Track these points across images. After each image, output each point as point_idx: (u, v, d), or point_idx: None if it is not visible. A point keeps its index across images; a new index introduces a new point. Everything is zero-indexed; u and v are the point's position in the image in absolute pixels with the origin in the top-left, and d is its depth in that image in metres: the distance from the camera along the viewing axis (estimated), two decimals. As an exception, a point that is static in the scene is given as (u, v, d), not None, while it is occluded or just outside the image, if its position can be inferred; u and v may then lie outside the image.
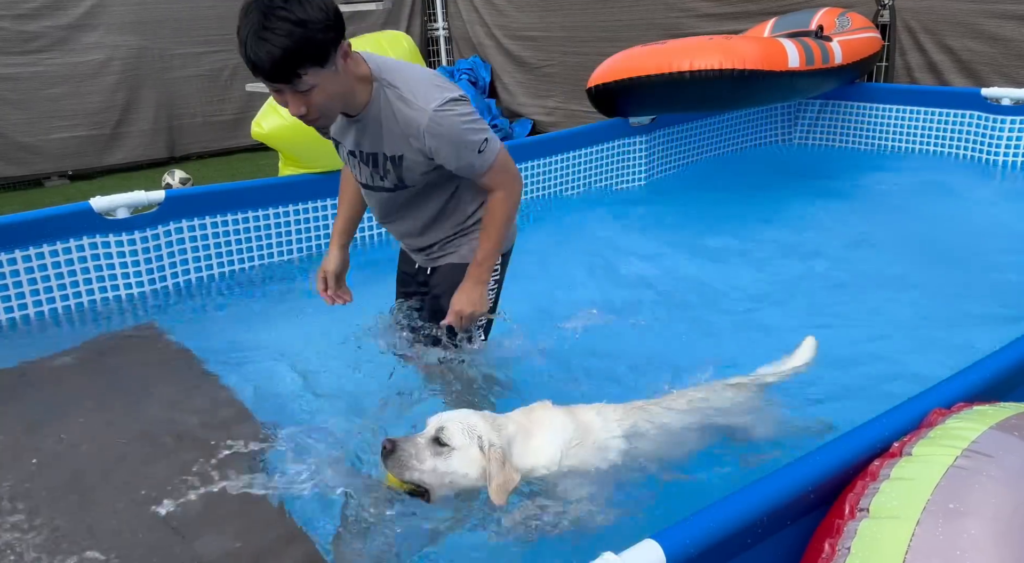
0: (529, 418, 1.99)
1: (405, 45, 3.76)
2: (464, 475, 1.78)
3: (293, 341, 2.96)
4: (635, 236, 4.07)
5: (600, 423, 2.00)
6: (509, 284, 2.60)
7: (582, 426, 1.98)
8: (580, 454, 1.93)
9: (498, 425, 1.88)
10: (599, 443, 1.96)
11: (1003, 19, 4.84)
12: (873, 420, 1.65)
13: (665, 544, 1.32)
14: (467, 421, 1.84)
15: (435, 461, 1.77)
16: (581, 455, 1.93)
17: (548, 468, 1.89)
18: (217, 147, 7.06)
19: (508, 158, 2.24)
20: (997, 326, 2.84)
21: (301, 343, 2.94)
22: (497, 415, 1.94)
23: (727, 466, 2.13)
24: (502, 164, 2.21)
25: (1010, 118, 4.69)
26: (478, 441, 1.80)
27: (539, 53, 7.15)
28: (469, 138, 2.11)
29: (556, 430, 1.95)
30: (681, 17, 6.09)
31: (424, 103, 2.06)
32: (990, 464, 1.42)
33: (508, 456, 1.83)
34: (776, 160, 5.42)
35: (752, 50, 4.20)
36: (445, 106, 2.06)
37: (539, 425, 1.96)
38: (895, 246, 3.75)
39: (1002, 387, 1.86)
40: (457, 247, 2.42)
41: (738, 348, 2.85)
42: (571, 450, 1.92)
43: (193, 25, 6.83)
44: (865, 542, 1.37)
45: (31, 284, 3.20)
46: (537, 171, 4.49)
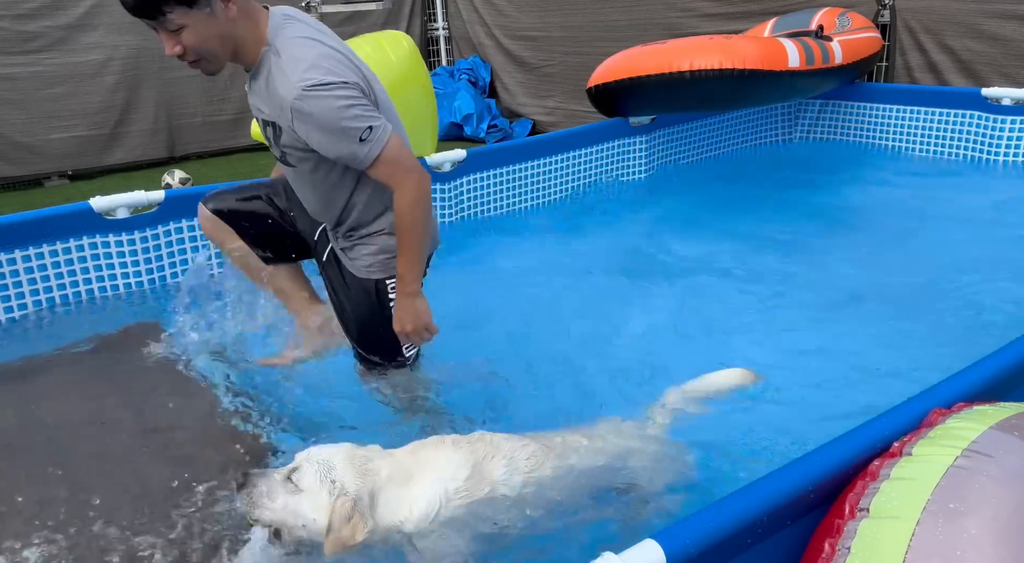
0: (415, 458, 1.74)
1: (405, 45, 3.76)
2: (313, 520, 1.60)
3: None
4: (635, 235, 4.07)
5: (503, 471, 1.75)
6: (509, 283, 2.59)
7: (478, 472, 1.73)
8: (465, 507, 1.69)
9: (366, 469, 1.65)
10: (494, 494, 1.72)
11: (1004, 19, 4.84)
12: (873, 420, 1.65)
13: (665, 544, 1.32)
14: (329, 461, 1.64)
15: (286, 500, 1.61)
16: (466, 509, 1.69)
17: (417, 525, 1.66)
18: (217, 147, 7.05)
19: (403, 151, 2.09)
20: (998, 326, 2.84)
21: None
22: (376, 455, 1.71)
23: (727, 466, 2.13)
24: (393, 156, 2.06)
25: (1010, 118, 4.69)
26: (330, 486, 1.60)
27: (539, 53, 7.15)
28: (344, 125, 1.99)
29: (440, 477, 1.70)
30: (681, 17, 6.09)
31: (296, 80, 1.97)
32: (990, 464, 1.42)
33: (369, 507, 1.62)
34: (776, 160, 5.42)
35: (752, 50, 4.20)
36: (318, 88, 1.96)
37: (423, 468, 1.72)
38: (895, 246, 3.75)
39: (1002, 387, 1.86)
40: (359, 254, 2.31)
41: (734, 347, 2.85)
42: (454, 502, 1.68)
43: (193, 25, 6.82)
44: (865, 542, 1.36)
45: (31, 284, 3.20)
46: (537, 171, 4.49)
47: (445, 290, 3.42)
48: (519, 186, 4.42)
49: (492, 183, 4.30)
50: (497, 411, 2.45)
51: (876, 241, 3.84)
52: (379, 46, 3.70)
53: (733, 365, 2.68)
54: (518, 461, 1.77)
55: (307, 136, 2.04)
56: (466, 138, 7.04)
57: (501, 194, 4.36)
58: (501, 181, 4.34)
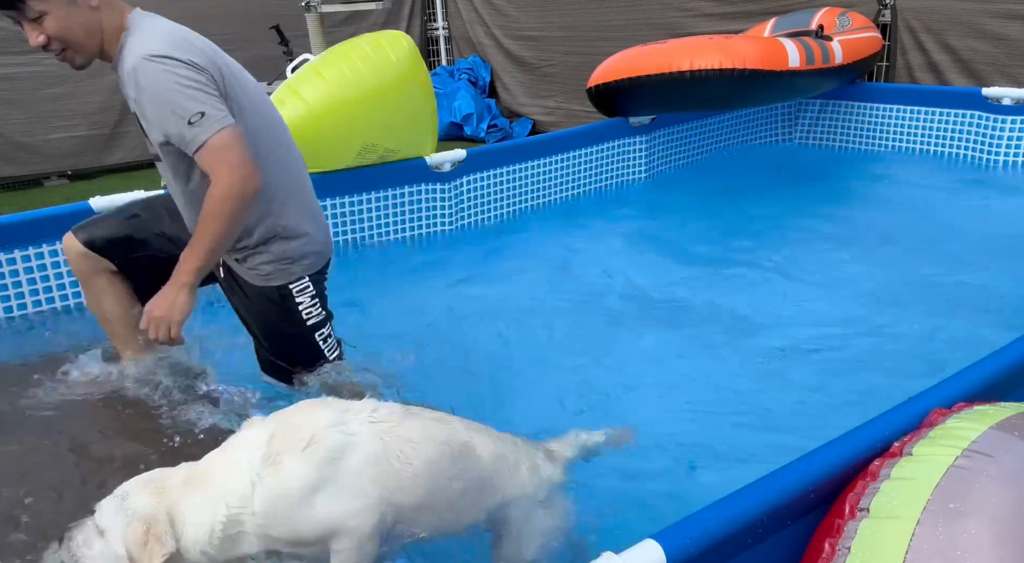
0: (223, 455, 1.56)
1: (405, 45, 3.76)
2: (121, 557, 1.44)
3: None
4: (634, 235, 4.07)
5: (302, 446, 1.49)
6: (508, 283, 2.58)
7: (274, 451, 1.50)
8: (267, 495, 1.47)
9: (161, 488, 1.50)
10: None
11: (1005, 19, 4.83)
12: (873, 420, 1.65)
13: (665, 544, 1.32)
14: (124, 491, 1.50)
15: (100, 546, 1.47)
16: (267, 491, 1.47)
17: (196, 542, 1.47)
18: (217, 147, 7.05)
19: (237, 148, 2.00)
20: (998, 326, 2.84)
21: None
22: (177, 469, 1.56)
23: (727, 466, 2.13)
24: (220, 146, 1.97)
25: (1011, 118, 4.68)
26: (124, 517, 1.46)
27: (539, 53, 7.15)
28: (177, 101, 1.94)
29: (231, 476, 1.50)
30: (681, 17, 6.09)
31: (141, 50, 1.97)
32: (990, 464, 1.42)
33: (168, 525, 1.46)
34: (776, 159, 5.42)
35: (752, 50, 4.20)
36: (161, 58, 1.95)
37: (221, 466, 1.53)
38: (894, 246, 3.75)
39: (1002, 387, 1.86)
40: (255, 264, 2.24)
41: (734, 347, 2.85)
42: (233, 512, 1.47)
43: (193, 25, 6.76)
44: (865, 542, 1.36)
45: (31, 284, 3.20)
46: (537, 171, 4.49)
47: (445, 289, 3.44)
48: (519, 186, 4.42)
49: (492, 183, 4.30)
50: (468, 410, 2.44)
51: (876, 241, 3.84)
52: (379, 46, 3.70)
53: (731, 364, 2.69)
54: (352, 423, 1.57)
55: (141, 109, 2.02)
56: (466, 138, 7.04)
57: (501, 194, 4.36)
58: (501, 181, 4.34)
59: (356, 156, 3.75)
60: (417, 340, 2.94)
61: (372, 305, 3.30)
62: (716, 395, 2.52)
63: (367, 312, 3.21)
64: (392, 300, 3.36)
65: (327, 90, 3.49)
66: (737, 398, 2.51)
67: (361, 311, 3.22)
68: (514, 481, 1.72)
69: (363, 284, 3.57)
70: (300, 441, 1.51)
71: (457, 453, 1.64)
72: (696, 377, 2.64)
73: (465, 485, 1.64)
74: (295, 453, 1.50)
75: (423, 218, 4.08)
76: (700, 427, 2.35)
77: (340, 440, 1.53)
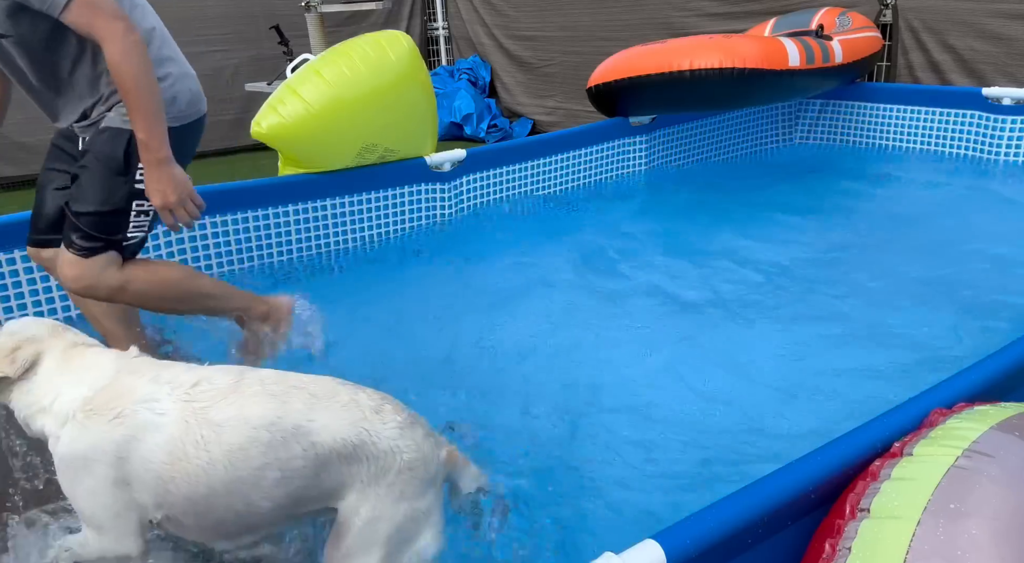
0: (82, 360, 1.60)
1: (405, 44, 3.75)
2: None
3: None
4: (634, 235, 4.07)
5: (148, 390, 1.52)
6: (507, 283, 2.59)
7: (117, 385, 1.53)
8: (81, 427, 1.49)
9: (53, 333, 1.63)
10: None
11: (1007, 19, 4.83)
12: (874, 420, 1.65)
13: (665, 544, 1.32)
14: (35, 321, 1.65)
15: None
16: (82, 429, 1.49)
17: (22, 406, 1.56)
18: (217, 147, 7.05)
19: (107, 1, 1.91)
20: (998, 326, 2.84)
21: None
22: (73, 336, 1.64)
23: (727, 466, 2.13)
24: (93, 3, 1.87)
25: (1011, 118, 4.68)
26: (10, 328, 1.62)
27: (539, 53, 7.15)
28: None
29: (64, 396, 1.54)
30: (682, 16, 6.09)
31: None
32: (991, 464, 1.41)
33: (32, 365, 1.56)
34: (777, 159, 5.42)
35: (752, 49, 4.20)
36: None
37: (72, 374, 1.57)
38: (894, 246, 3.75)
39: (1003, 387, 1.86)
40: (111, 116, 2.12)
41: (734, 347, 2.84)
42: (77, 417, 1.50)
43: (193, 25, 6.83)
44: (866, 542, 1.36)
45: (31, 284, 3.20)
46: (537, 171, 4.49)
47: (444, 288, 3.44)
48: (519, 186, 4.42)
49: (492, 183, 4.30)
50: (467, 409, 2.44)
51: (876, 240, 3.84)
52: (379, 46, 3.69)
53: (733, 364, 2.69)
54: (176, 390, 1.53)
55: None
56: (466, 138, 7.04)
57: (501, 194, 4.36)
58: (501, 181, 4.34)
59: (356, 156, 3.75)
60: (416, 337, 2.94)
61: (372, 304, 3.30)
62: (715, 395, 2.52)
63: (367, 311, 3.21)
64: (392, 299, 3.36)
65: (327, 90, 3.49)
66: (736, 398, 2.50)
67: (361, 310, 3.22)
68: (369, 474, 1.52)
69: (363, 283, 3.58)
70: (112, 409, 1.50)
71: (278, 440, 1.49)
72: (695, 377, 2.64)
73: (284, 475, 1.49)
74: (102, 420, 1.49)
75: (423, 218, 4.08)
76: (700, 427, 2.35)
77: (144, 420, 1.50)
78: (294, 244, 3.77)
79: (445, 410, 2.45)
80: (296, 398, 1.53)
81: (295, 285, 3.56)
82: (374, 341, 2.93)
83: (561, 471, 2.16)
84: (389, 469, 1.51)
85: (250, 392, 1.53)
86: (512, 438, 2.31)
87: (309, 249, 3.80)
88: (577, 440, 2.30)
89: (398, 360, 2.78)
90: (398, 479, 1.52)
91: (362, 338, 2.95)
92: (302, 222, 3.76)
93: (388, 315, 3.17)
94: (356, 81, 3.56)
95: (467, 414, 2.41)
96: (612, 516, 1.93)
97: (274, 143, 3.60)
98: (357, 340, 2.93)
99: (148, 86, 1.96)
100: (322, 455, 1.50)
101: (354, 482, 1.51)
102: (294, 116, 3.45)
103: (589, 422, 2.39)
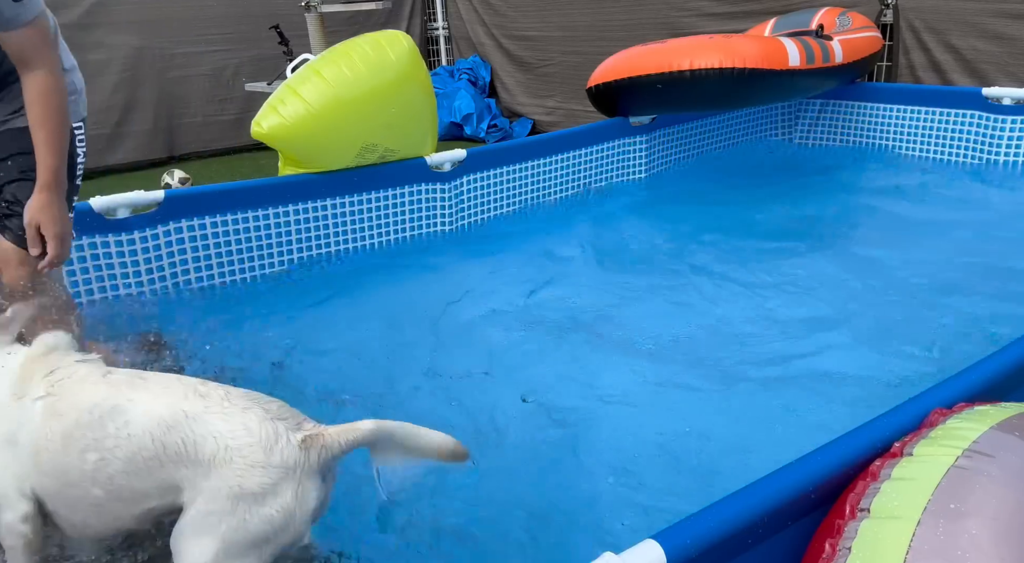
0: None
1: (405, 44, 3.76)
2: None
3: (293, 343, 2.96)
4: (634, 235, 4.07)
5: None
6: (507, 282, 2.59)
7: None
8: None
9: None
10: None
11: (1008, 18, 4.83)
12: (874, 420, 1.65)
13: (665, 544, 1.31)
14: None
15: None
16: None
17: None
18: (217, 147, 7.06)
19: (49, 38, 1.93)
20: (998, 326, 2.84)
21: (302, 345, 2.93)
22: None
23: (727, 466, 2.13)
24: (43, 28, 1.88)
25: (1011, 118, 4.68)
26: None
27: (539, 53, 7.15)
28: None
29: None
30: (682, 16, 6.09)
31: None
32: (991, 464, 1.41)
33: None
34: (777, 159, 5.42)
35: (752, 49, 4.20)
36: None
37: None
38: (893, 246, 3.75)
39: (1003, 387, 1.86)
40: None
41: (734, 347, 2.84)
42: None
43: (194, 25, 6.83)
44: (866, 542, 1.36)
45: (31, 284, 3.19)
46: (537, 171, 4.49)
47: (444, 288, 3.44)
48: (519, 186, 4.42)
49: (492, 183, 4.30)
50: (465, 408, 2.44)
51: (876, 240, 3.84)
52: (379, 46, 3.69)
53: (732, 365, 2.68)
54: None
55: None
56: (466, 138, 7.04)
57: (501, 194, 4.36)
58: (501, 181, 4.34)
59: (356, 156, 3.75)
60: (416, 338, 2.94)
61: (372, 304, 3.30)
62: (715, 395, 2.52)
63: (367, 311, 3.21)
64: (392, 299, 3.36)
65: (327, 90, 3.49)
66: (736, 398, 2.50)
67: (361, 310, 3.22)
68: (200, 458, 1.41)
69: (363, 283, 3.57)
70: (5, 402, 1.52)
71: (96, 419, 1.47)
72: (695, 377, 2.64)
73: (102, 456, 1.45)
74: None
75: (423, 218, 4.08)
76: (700, 427, 2.35)
77: (19, 417, 1.51)
78: (294, 244, 3.77)
79: (443, 402, 2.46)
80: (128, 385, 1.52)
81: (295, 285, 3.57)
82: (374, 341, 2.94)
83: (561, 471, 2.16)
84: (216, 459, 1.40)
85: (91, 380, 1.53)
86: (512, 437, 2.31)
87: (309, 249, 3.80)
88: (577, 440, 2.30)
89: (398, 359, 2.79)
90: (230, 470, 1.40)
91: (362, 338, 2.96)
92: (302, 222, 3.76)
93: (388, 313, 3.17)
94: (356, 81, 3.56)
95: (463, 409, 2.41)
96: (612, 516, 1.93)
97: (274, 143, 3.60)
98: (357, 340, 2.93)
99: (66, 119, 1.99)
100: (135, 435, 1.44)
101: (181, 474, 1.43)
102: (294, 116, 3.45)
103: (589, 421, 2.39)
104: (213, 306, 3.41)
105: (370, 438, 1.49)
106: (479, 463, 2.16)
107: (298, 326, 3.09)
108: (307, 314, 3.21)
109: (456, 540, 1.88)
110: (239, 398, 1.49)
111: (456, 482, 2.06)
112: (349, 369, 2.73)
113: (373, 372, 2.70)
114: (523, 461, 2.20)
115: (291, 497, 1.41)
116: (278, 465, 1.40)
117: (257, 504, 1.39)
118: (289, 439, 1.43)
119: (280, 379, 2.69)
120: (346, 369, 2.73)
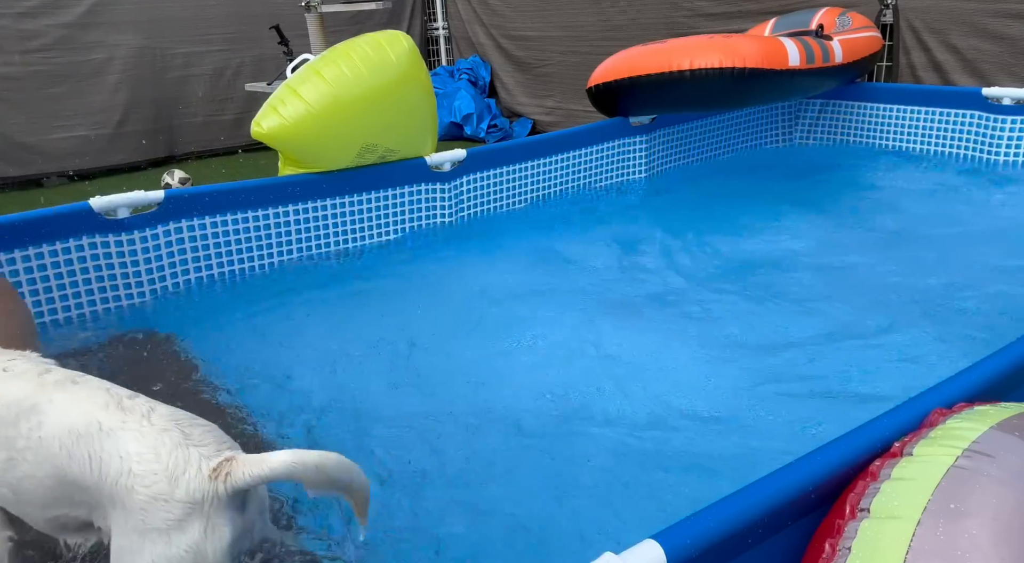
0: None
1: (405, 44, 3.76)
2: None
3: (293, 343, 2.96)
4: (634, 236, 4.07)
5: None
6: (507, 282, 2.59)
7: None
8: None
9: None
10: None
11: (1009, 18, 4.83)
12: (874, 420, 1.64)
13: (665, 544, 1.31)
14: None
15: None
16: None
17: None
18: (217, 147, 7.06)
19: None
20: (999, 326, 2.83)
21: (302, 345, 2.93)
22: None
23: (726, 466, 2.13)
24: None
25: (1011, 118, 4.68)
26: None
27: (538, 53, 7.15)
28: None
29: None
30: (682, 16, 6.09)
31: None
32: (991, 464, 1.41)
33: None
34: (777, 159, 5.42)
35: (752, 49, 4.20)
36: None
37: None
38: (894, 246, 3.75)
39: (1003, 387, 1.86)
40: None
41: (734, 346, 2.84)
42: None
43: (194, 24, 6.83)
44: (866, 542, 1.36)
45: (30, 284, 3.19)
46: (537, 171, 4.49)
47: (444, 288, 3.44)
48: (519, 186, 4.42)
49: (492, 183, 4.30)
50: (466, 407, 2.44)
51: (875, 240, 3.84)
52: (379, 46, 3.69)
53: (732, 365, 2.68)
54: None
55: None
56: (466, 138, 7.04)
57: (501, 194, 4.36)
58: (501, 181, 4.34)
59: (356, 156, 3.75)
60: (416, 337, 2.94)
61: (372, 304, 3.30)
62: (715, 395, 2.52)
63: (367, 310, 3.21)
64: (391, 299, 3.36)
65: (327, 90, 3.49)
66: (736, 398, 2.50)
67: (361, 309, 3.22)
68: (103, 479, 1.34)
69: (363, 283, 3.57)
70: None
71: (12, 415, 1.41)
72: (695, 377, 2.64)
73: (9, 456, 1.40)
74: None
75: (423, 218, 4.08)
76: (699, 427, 2.35)
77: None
78: (294, 244, 3.77)
79: (442, 402, 2.45)
80: (56, 385, 1.45)
81: (295, 285, 3.57)
82: (373, 341, 2.93)
83: (561, 471, 2.16)
84: (119, 484, 1.32)
85: (25, 377, 1.47)
86: (511, 437, 2.31)
87: (309, 249, 3.80)
88: (577, 440, 2.30)
89: (396, 358, 2.78)
90: (132, 501, 1.31)
91: (361, 338, 2.96)
92: (302, 222, 3.77)
93: (388, 313, 3.17)
94: (356, 81, 3.56)
95: (460, 411, 2.41)
96: (612, 516, 1.93)
97: (274, 143, 3.60)
98: (355, 341, 2.93)
99: None
100: (45, 438, 1.38)
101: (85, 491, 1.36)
102: (294, 116, 3.45)
103: (589, 421, 2.39)
104: (213, 306, 3.41)
105: (282, 473, 1.35)
106: (479, 463, 2.17)
107: (298, 326, 3.10)
108: (307, 314, 3.21)
109: (455, 541, 1.88)
110: (162, 418, 1.40)
111: (455, 482, 2.06)
112: (349, 369, 2.73)
113: (372, 372, 2.70)
114: (522, 461, 2.20)
115: (199, 534, 1.31)
116: (182, 499, 1.31)
117: (163, 542, 1.30)
118: (200, 469, 1.33)
119: (280, 379, 2.69)
120: (346, 369, 2.73)
